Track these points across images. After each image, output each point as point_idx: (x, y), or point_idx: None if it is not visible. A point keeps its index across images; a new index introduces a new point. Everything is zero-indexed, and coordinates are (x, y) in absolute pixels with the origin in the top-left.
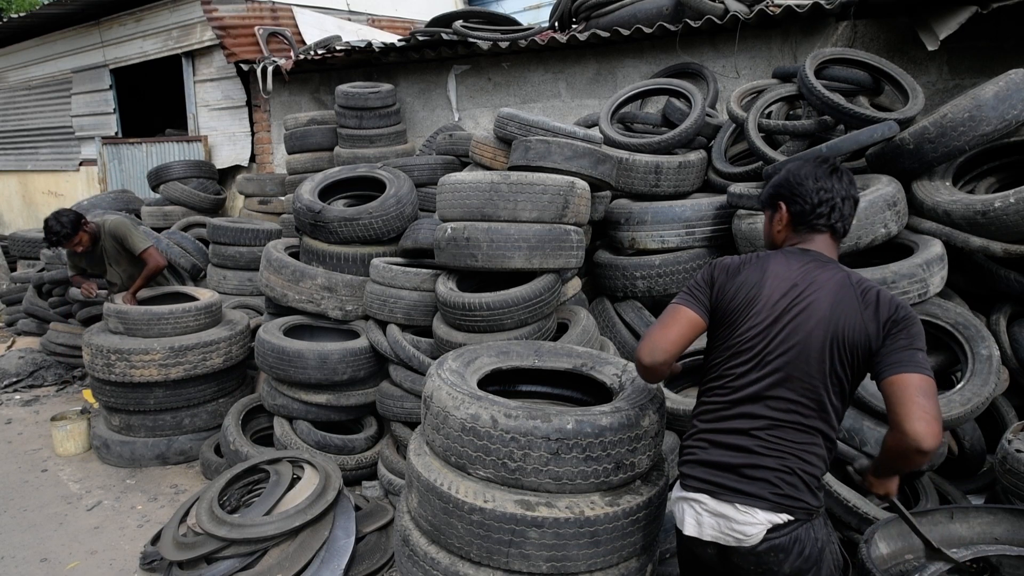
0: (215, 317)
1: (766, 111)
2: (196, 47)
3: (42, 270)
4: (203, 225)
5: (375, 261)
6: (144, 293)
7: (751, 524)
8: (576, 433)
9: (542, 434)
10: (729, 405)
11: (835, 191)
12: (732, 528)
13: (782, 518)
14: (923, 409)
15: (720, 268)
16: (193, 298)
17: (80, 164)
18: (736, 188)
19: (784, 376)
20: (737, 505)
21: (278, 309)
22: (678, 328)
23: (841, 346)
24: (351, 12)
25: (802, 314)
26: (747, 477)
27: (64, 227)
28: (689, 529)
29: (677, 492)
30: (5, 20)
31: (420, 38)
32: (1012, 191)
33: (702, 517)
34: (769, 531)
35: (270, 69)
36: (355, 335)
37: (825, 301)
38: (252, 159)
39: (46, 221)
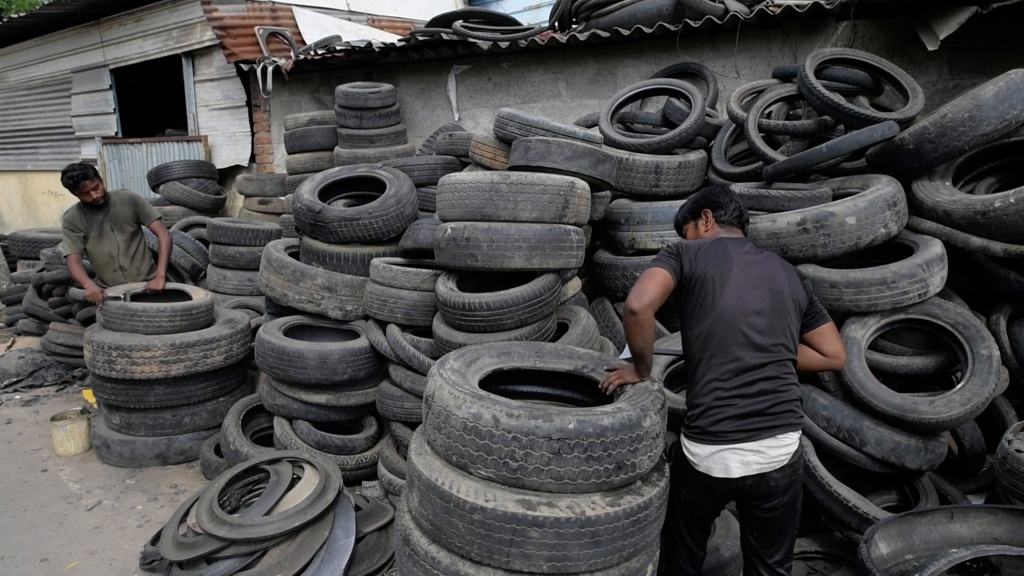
0: (194, 320)
1: (766, 111)
2: (196, 47)
3: (42, 270)
4: (203, 225)
5: (375, 261)
6: (139, 287)
7: (788, 445)
8: (578, 433)
9: (544, 434)
10: (742, 360)
11: (737, 199)
12: (775, 455)
13: (799, 431)
14: (841, 342)
15: (684, 247)
16: (188, 296)
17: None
18: (736, 188)
19: (776, 325)
20: (777, 436)
21: (278, 309)
22: (656, 281)
23: (797, 302)
24: (351, 12)
25: (772, 280)
26: (774, 413)
27: (86, 169)
28: (737, 471)
29: (707, 449)
30: (5, 20)
31: (420, 38)
32: (1012, 191)
33: (747, 456)
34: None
35: (270, 69)
36: (355, 335)
37: (780, 272)
38: (252, 159)
39: (64, 170)
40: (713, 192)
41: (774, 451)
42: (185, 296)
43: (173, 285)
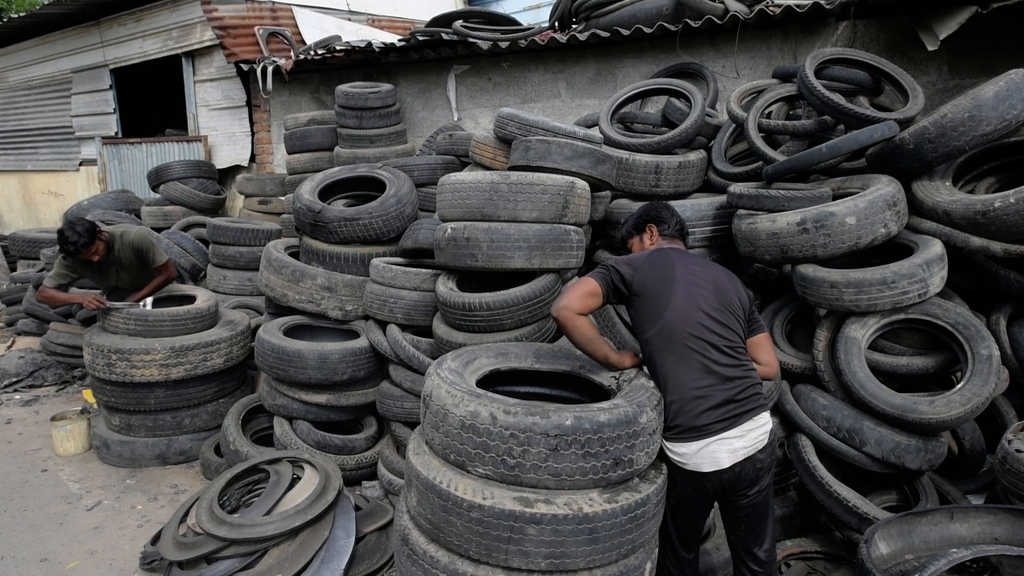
0: (200, 324)
1: (766, 111)
2: (196, 47)
3: (42, 270)
4: (203, 225)
5: (375, 261)
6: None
7: (765, 424)
8: (575, 429)
9: (541, 430)
10: (703, 358)
11: (678, 214)
12: (757, 436)
13: (768, 411)
14: (774, 353)
15: (619, 261)
16: (191, 298)
17: (80, 164)
18: (736, 188)
19: (726, 318)
20: (753, 417)
21: (278, 309)
22: (580, 289)
23: (741, 303)
24: (351, 12)
25: (715, 280)
26: (745, 398)
27: (81, 236)
28: (727, 461)
29: (693, 446)
30: (5, 20)
31: (420, 38)
32: (1012, 191)
33: (734, 444)
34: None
35: (270, 69)
36: (355, 335)
37: (722, 275)
38: (252, 159)
39: (61, 232)
40: (655, 207)
41: (755, 432)
42: (191, 299)
43: (179, 289)
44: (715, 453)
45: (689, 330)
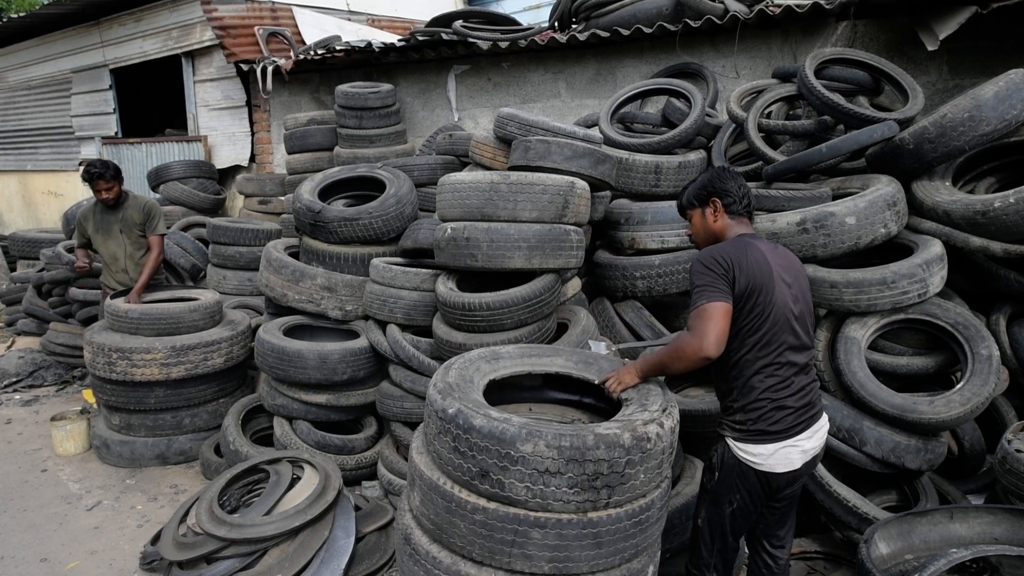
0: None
1: (766, 111)
2: (196, 47)
3: (42, 270)
4: (203, 225)
5: (375, 261)
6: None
7: (826, 422)
8: (452, 419)
9: (434, 409)
10: (792, 364)
11: (745, 185)
12: (822, 436)
13: None
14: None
15: (724, 265)
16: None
17: (80, 164)
18: None
19: (808, 320)
20: (820, 418)
21: (278, 309)
22: (725, 319)
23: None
24: (351, 12)
25: (798, 277)
26: (815, 400)
27: (108, 168)
28: (799, 462)
29: (770, 448)
30: (5, 20)
31: (420, 38)
32: (1012, 191)
33: (806, 445)
34: None
35: (270, 69)
36: (355, 335)
37: (798, 266)
38: (252, 159)
39: (91, 162)
40: (721, 177)
41: (822, 431)
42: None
43: (182, 292)
44: (790, 455)
45: (782, 339)
